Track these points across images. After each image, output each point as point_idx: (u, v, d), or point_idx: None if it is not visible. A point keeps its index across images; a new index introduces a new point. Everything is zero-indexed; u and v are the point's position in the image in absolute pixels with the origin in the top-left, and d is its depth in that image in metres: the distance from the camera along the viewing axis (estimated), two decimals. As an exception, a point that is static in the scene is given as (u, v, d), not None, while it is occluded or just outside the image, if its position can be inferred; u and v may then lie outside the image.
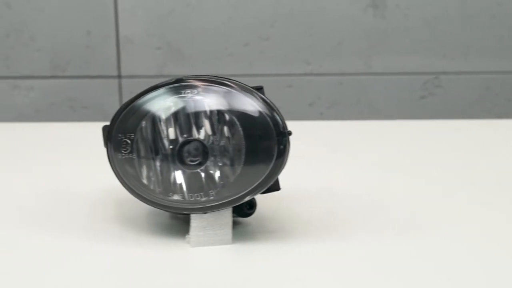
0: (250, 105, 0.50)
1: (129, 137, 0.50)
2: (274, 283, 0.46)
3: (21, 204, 0.61)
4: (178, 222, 0.56)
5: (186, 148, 0.50)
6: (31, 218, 0.57)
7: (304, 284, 0.45)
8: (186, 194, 0.49)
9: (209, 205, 0.49)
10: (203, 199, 0.49)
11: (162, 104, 0.51)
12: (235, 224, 0.52)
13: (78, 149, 0.85)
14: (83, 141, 0.91)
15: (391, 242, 0.51)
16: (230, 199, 0.49)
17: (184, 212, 0.51)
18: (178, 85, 0.52)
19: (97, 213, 0.58)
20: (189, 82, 0.51)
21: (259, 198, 0.51)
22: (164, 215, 0.57)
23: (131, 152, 0.50)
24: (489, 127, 0.99)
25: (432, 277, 0.46)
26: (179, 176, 0.50)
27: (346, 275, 0.47)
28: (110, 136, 0.51)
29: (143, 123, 0.51)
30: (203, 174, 0.50)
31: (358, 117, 1.25)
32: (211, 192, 0.49)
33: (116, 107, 1.27)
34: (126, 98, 1.27)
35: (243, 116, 0.49)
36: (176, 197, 0.50)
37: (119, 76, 1.27)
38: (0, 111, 1.28)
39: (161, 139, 0.50)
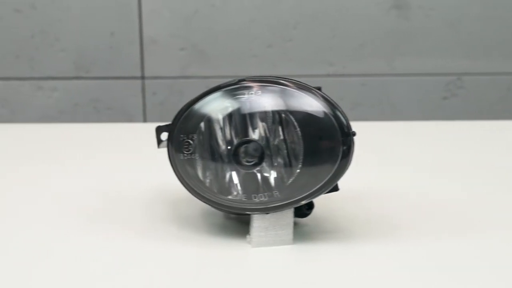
0: (311, 104, 0.49)
1: (191, 138, 0.51)
2: (338, 283, 0.46)
3: (78, 204, 0.61)
4: (232, 223, 0.56)
5: (243, 148, 0.50)
6: (91, 219, 0.57)
7: (367, 284, 0.46)
8: (248, 195, 0.50)
9: (271, 205, 0.50)
10: (266, 199, 0.50)
11: (219, 106, 0.51)
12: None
13: (108, 149, 0.86)
14: (112, 141, 0.92)
15: (451, 243, 0.52)
16: (293, 199, 0.49)
17: (246, 213, 0.51)
18: (236, 86, 0.52)
19: (153, 213, 0.59)
20: (247, 83, 0.51)
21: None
22: (218, 215, 0.57)
23: (193, 152, 0.51)
24: None
25: (493, 278, 0.46)
26: (235, 177, 0.50)
27: (407, 276, 0.47)
28: (172, 137, 0.51)
29: (202, 125, 0.51)
30: (259, 175, 0.50)
31: (380, 118, 1.25)
32: (275, 192, 0.49)
33: (140, 107, 1.28)
34: (149, 99, 1.28)
35: (302, 116, 0.49)
36: (237, 197, 0.50)
37: (143, 77, 1.28)
38: (24, 112, 1.28)
39: (218, 140, 0.51)
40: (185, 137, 0.51)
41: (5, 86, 1.27)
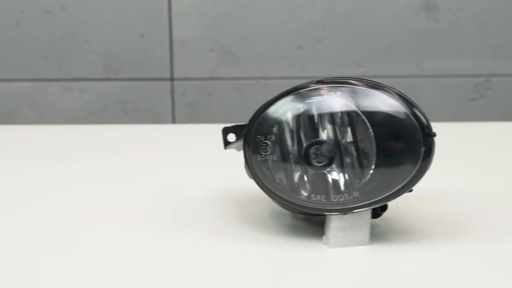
0: (389, 104, 0.49)
1: (269, 139, 0.51)
2: (417, 284, 0.46)
3: (145, 205, 0.61)
4: (302, 223, 0.56)
5: (313, 150, 0.50)
6: (162, 220, 0.57)
7: (444, 285, 0.46)
8: (327, 195, 0.50)
9: (350, 206, 0.50)
10: (344, 200, 0.50)
11: (292, 107, 0.51)
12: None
13: (144, 149, 0.86)
14: (153, 142, 0.92)
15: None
16: (372, 200, 0.49)
17: (324, 213, 0.51)
18: (310, 88, 0.52)
19: (221, 214, 0.59)
20: (320, 84, 0.51)
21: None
22: (286, 215, 0.57)
23: (270, 153, 0.51)
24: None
25: None
26: (310, 177, 0.50)
27: (485, 276, 0.47)
28: (248, 138, 0.51)
29: (276, 126, 0.51)
30: (331, 176, 0.50)
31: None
32: (355, 193, 0.49)
33: (168, 109, 1.28)
34: (178, 101, 1.28)
35: (376, 116, 0.49)
36: (315, 198, 0.50)
37: (172, 79, 1.28)
38: (53, 113, 1.28)
39: (290, 141, 0.51)
40: (262, 138, 0.51)
41: (34, 87, 1.27)
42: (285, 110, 0.51)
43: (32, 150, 0.87)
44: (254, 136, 0.51)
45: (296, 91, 0.52)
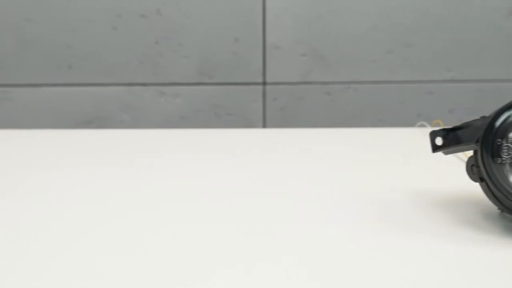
0: None
1: (511, 142, 0.52)
2: None
3: (355, 207, 0.62)
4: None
5: None
6: (379, 221, 0.58)
7: None
8: None
9: None
10: None
11: None
12: None
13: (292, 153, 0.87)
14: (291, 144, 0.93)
15: None
16: None
17: None
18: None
19: (434, 216, 0.59)
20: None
21: None
22: (506, 218, 0.58)
23: (511, 157, 0.52)
24: None
25: None
26: None
27: None
28: (485, 141, 0.52)
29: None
30: None
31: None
32: None
33: (260, 113, 1.29)
34: (269, 105, 1.29)
35: None
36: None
37: (264, 83, 1.29)
38: (146, 118, 1.29)
39: None
40: (503, 141, 0.52)
41: (129, 91, 1.27)
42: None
43: (126, 154, 0.87)
44: (493, 140, 0.52)
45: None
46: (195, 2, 1.25)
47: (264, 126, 1.31)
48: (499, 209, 0.56)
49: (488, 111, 0.55)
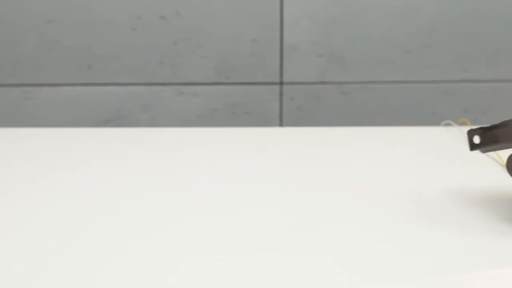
0: None
1: None
2: None
3: (393, 208, 0.63)
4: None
5: None
6: (428, 217, 0.59)
7: None
8: None
9: None
10: None
11: None
12: None
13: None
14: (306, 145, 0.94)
15: None
16: None
17: None
18: None
19: (470, 214, 0.61)
20: None
21: None
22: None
23: None
24: None
25: None
26: None
27: None
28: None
29: None
30: None
31: None
32: None
33: (277, 113, 1.30)
34: (286, 104, 1.30)
35: None
36: None
37: (281, 83, 1.30)
38: (164, 116, 1.30)
39: None
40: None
41: (148, 91, 1.29)
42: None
43: (144, 152, 0.88)
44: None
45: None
46: (213, 4, 1.26)
47: (281, 125, 1.32)
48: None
49: (504, 111, 0.57)
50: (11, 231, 0.57)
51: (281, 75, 1.30)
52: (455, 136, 0.62)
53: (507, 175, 0.63)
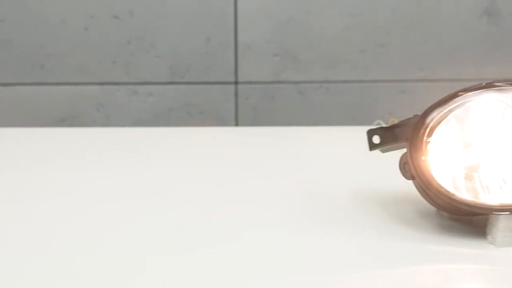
0: None
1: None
2: None
3: (295, 206, 0.63)
4: (457, 224, 0.57)
5: None
6: (318, 219, 0.59)
7: None
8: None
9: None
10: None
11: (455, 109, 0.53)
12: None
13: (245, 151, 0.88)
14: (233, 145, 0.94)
15: None
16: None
17: (493, 213, 0.52)
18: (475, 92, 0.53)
19: (371, 213, 0.60)
20: (488, 87, 0.53)
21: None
22: (439, 216, 0.59)
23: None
24: None
25: None
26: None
27: None
28: (414, 140, 0.53)
29: (440, 128, 0.53)
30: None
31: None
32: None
33: (232, 112, 1.30)
34: (241, 104, 1.29)
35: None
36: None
37: (236, 82, 1.29)
38: (119, 116, 1.29)
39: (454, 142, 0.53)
40: (429, 139, 0.53)
41: (102, 90, 1.28)
42: (448, 113, 0.53)
43: (99, 152, 0.88)
44: (422, 138, 0.53)
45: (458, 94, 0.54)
46: (167, 3, 1.25)
47: (237, 124, 1.31)
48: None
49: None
50: None
51: (236, 74, 1.29)
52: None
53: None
